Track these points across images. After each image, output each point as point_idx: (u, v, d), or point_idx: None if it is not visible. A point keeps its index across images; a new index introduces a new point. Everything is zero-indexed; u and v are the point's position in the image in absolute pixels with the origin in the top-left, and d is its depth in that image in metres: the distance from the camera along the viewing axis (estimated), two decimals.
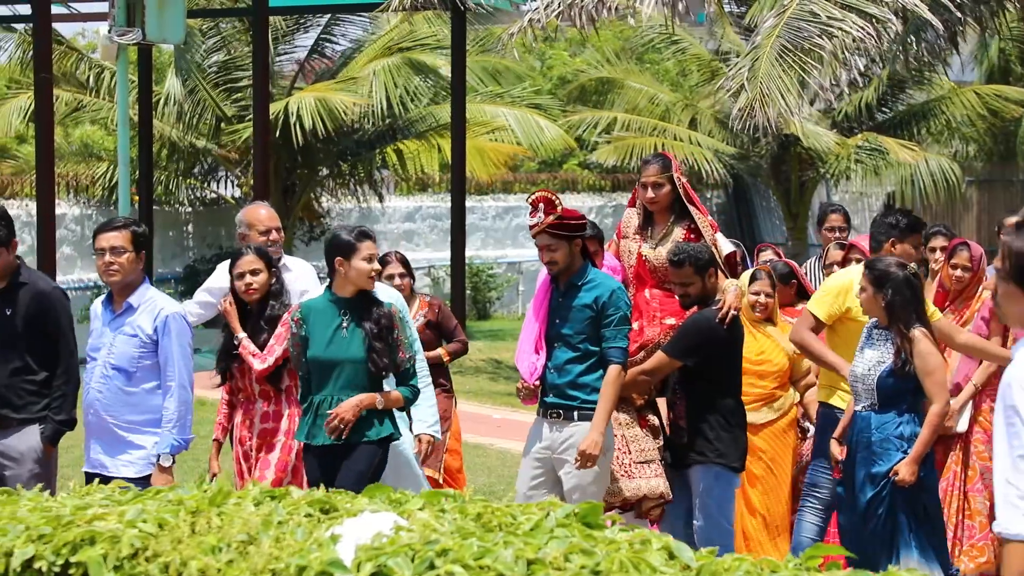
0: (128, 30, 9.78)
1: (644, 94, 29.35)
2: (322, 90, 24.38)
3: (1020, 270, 4.33)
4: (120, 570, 3.62)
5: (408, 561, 3.33)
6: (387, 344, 7.25)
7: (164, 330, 7.49)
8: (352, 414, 7.17)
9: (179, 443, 7.50)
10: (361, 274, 7.32)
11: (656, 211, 8.24)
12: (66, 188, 26.62)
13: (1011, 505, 4.26)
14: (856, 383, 7.65)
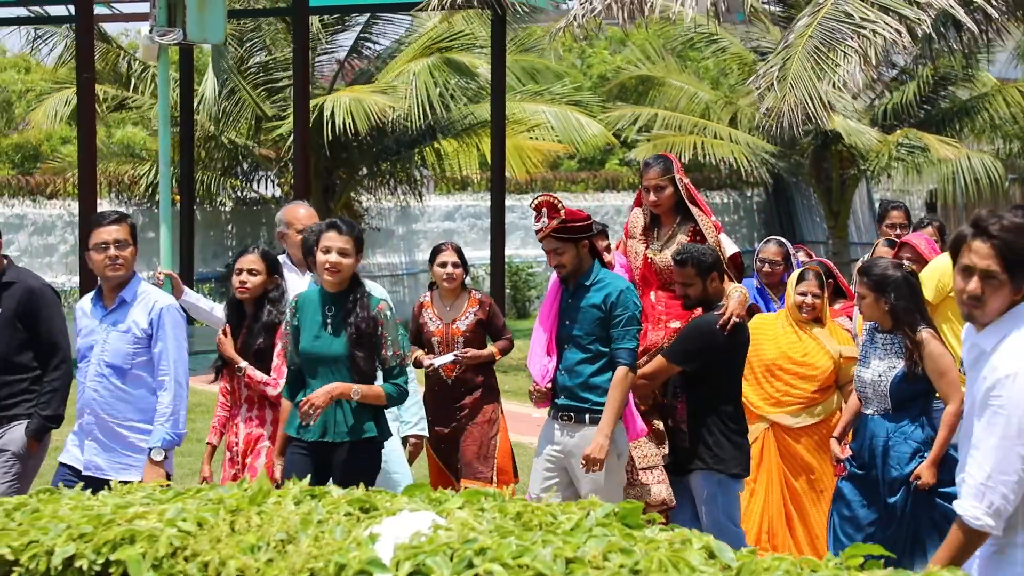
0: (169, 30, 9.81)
1: (684, 92, 29.28)
2: (361, 90, 24.42)
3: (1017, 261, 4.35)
4: (159, 569, 3.62)
5: (447, 560, 3.32)
6: (370, 342, 7.11)
7: (159, 323, 7.33)
8: (322, 400, 7.03)
9: (172, 437, 7.33)
10: (319, 267, 7.21)
11: (661, 213, 8.19)
12: (108, 188, 26.76)
13: (978, 494, 4.39)
14: (865, 388, 7.58)
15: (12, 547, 3.76)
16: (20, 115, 32.02)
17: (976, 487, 4.41)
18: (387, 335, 7.13)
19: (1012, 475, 4.36)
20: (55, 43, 24.76)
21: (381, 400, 7.16)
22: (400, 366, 7.18)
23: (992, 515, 4.40)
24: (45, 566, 3.70)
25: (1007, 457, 4.36)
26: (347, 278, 7.16)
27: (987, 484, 4.39)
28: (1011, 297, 4.42)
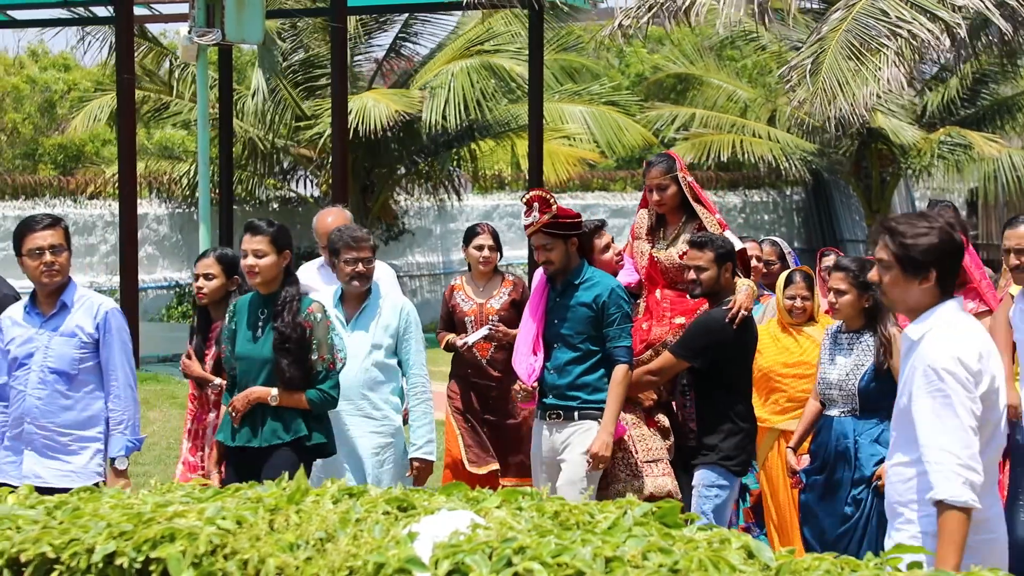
0: (208, 31, 9.86)
1: (723, 91, 29.23)
2: (399, 90, 24.47)
3: (903, 253, 4.79)
4: (199, 567, 3.63)
5: (485, 558, 3.32)
6: (298, 347, 6.97)
7: (105, 327, 7.12)
8: (240, 403, 6.97)
9: (133, 444, 7.17)
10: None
11: (665, 212, 8.12)
12: (148, 188, 26.88)
13: (953, 474, 4.62)
14: (830, 390, 7.46)
15: (53, 545, 3.78)
16: (62, 115, 32.22)
17: (947, 470, 4.64)
18: (315, 339, 7.00)
19: (971, 447, 4.67)
20: (97, 44, 24.88)
21: (302, 405, 7.02)
22: (328, 371, 7.04)
23: (970, 487, 4.64)
24: (86, 564, 3.72)
25: (959, 436, 4.65)
26: (271, 279, 7.06)
27: (961, 463, 4.64)
28: (933, 294, 4.83)
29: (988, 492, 4.84)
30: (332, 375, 7.05)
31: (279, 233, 7.09)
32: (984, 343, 4.86)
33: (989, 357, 4.84)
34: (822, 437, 7.49)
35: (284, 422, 7.00)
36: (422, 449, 7.83)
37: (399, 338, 7.75)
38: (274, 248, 7.03)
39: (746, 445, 7.63)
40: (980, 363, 4.77)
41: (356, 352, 7.61)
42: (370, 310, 7.72)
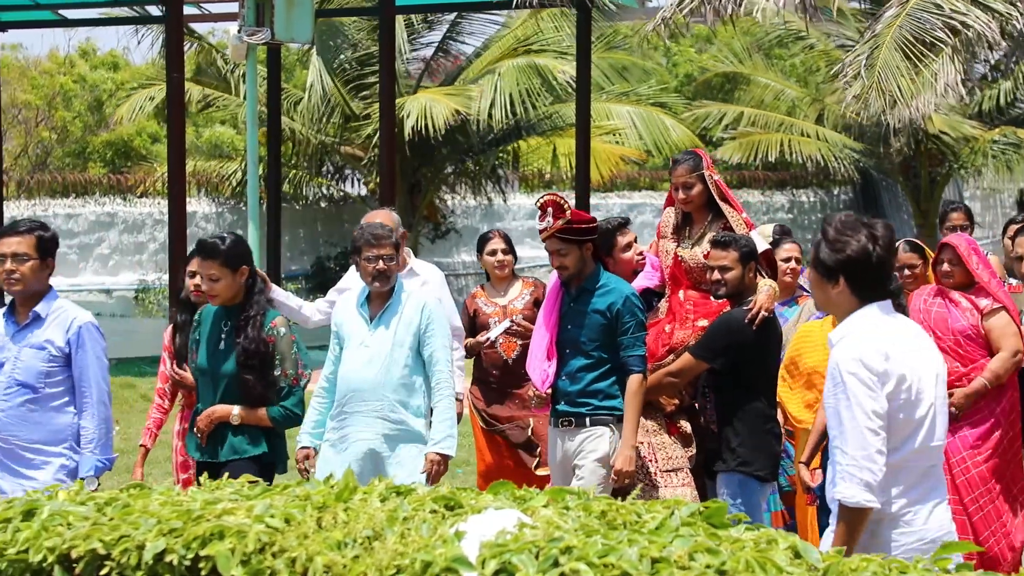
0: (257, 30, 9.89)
1: (771, 90, 29.14)
2: (447, 89, 24.51)
3: (817, 258, 5.01)
4: (247, 565, 3.65)
5: (532, 558, 3.32)
6: (261, 362, 6.88)
7: (78, 342, 6.79)
8: (203, 424, 6.91)
9: (103, 464, 6.86)
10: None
11: (691, 211, 8.00)
12: (196, 186, 27.02)
13: (847, 474, 4.83)
14: None
15: (104, 541, 3.81)
16: (111, 114, 32.46)
17: (845, 470, 4.86)
18: (278, 354, 6.91)
19: (870, 448, 4.83)
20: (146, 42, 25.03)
21: (264, 423, 6.96)
22: (291, 387, 6.95)
23: (867, 488, 4.82)
24: (136, 560, 3.74)
25: (860, 437, 4.83)
26: (230, 297, 6.96)
27: (854, 464, 4.84)
28: (849, 300, 5.01)
29: (919, 485, 5.01)
30: (296, 391, 6.97)
31: (231, 253, 6.91)
32: (896, 344, 4.97)
33: (902, 357, 4.95)
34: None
35: (246, 438, 6.94)
36: (440, 444, 7.56)
37: (421, 336, 7.57)
38: (228, 269, 6.90)
39: (767, 448, 7.44)
40: (887, 363, 4.90)
41: (378, 351, 7.47)
42: (392, 309, 7.56)
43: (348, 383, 7.45)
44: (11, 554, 3.92)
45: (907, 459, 4.99)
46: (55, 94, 33.18)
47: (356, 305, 7.59)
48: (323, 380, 7.62)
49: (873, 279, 5.02)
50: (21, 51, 37.19)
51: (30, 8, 22.23)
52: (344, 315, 7.62)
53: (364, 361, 7.45)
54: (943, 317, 8.23)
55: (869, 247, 4.96)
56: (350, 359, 7.49)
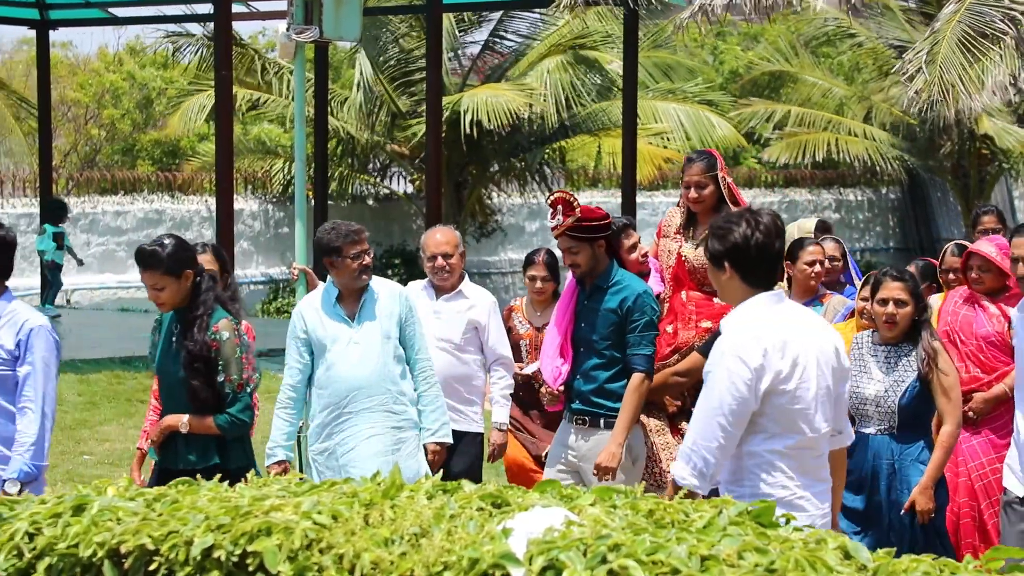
0: (306, 28, 9.89)
1: (818, 88, 29.02)
2: (493, 87, 24.53)
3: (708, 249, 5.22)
4: (294, 561, 3.66)
5: (580, 555, 3.32)
6: (207, 367, 6.66)
7: (27, 345, 6.53)
8: (156, 435, 6.75)
9: (31, 470, 6.51)
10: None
11: (700, 211, 7.89)
12: (243, 184, 27.12)
13: (686, 457, 5.08)
14: (865, 405, 7.04)
15: (153, 537, 3.82)
16: (159, 112, 32.61)
17: (684, 451, 5.10)
18: (221, 359, 6.68)
19: (713, 441, 5.05)
20: (193, 41, 25.15)
21: (212, 431, 6.72)
22: (236, 393, 6.71)
23: (697, 476, 5.05)
24: (184, 556, 3.75)
25: (709, 425, 5.06)
26: (177, 301, 6.74)
27: (692, 449, 5.07)
28: (741, 289, 5.20)
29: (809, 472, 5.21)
30: (242, 397, 6.72)
31: (172, 259, 6.66)
32: (780, 335, 5.10)
33: (785, 348, 5.10)
34: (857, 456, 6.96)
35: (196, 450, 6.74)
36: (438, 433, 7.60)
37: (402, 324, 7.53)
38: (170, 276, 6.66)
39: None
40: (764, 359, 5.06)
41: (370, 347, 7.42)
42: (371, 302, 7.50)
43: (347, 383, 7.39)
44: (61, 549, 3.95)
45: (796, 446, 5.16)
46: (104, 92, 33.38)
47: (326, 307, 7.49)
48: (288, 390, 7.52)
49: (756, 265, 5.19)
50: (71, 49, 37.48)
51: (80, 6, 22.38)
52: (316, 322, 7.48)
53: (358, 358, 7.39)
54: (969, 321, 8.15)
55: (748, 233, 5.14)
56: (341, 359, 7.41)
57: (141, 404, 13.97)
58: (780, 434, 5.13)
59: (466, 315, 8.32)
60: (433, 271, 8.40)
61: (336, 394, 7.41)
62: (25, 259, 25.04)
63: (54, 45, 27.78)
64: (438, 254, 8.38)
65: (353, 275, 7.39)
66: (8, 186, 27.27)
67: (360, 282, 7.43)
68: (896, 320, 7.03)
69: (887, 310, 7.04)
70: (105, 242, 26.35)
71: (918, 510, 6.83)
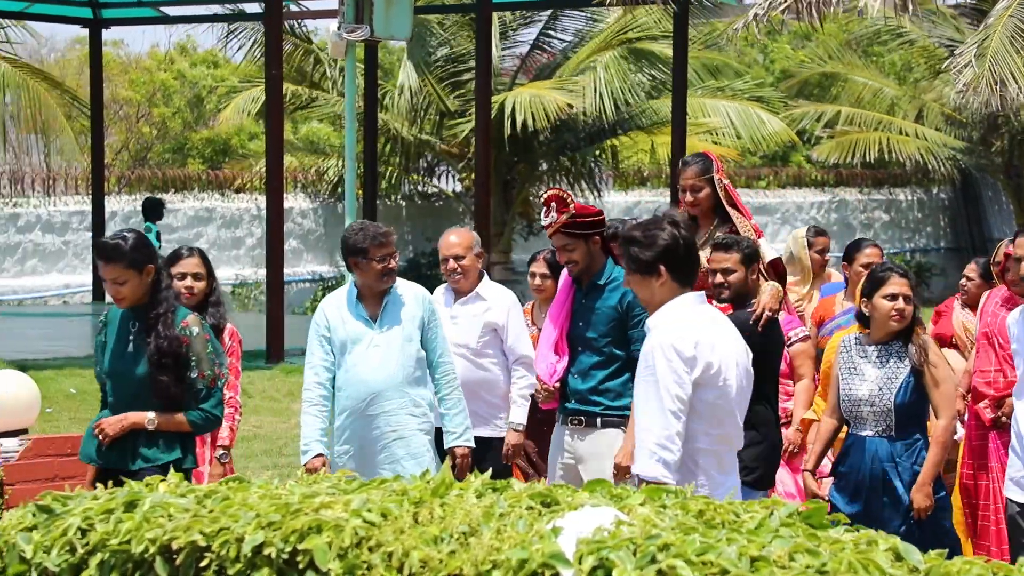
0: (357, 27, 9.95)
1: (868, 88, 28.88)
2: (536, 86, 24.53)
3: (634, 256, 5.39)
4: (344, 559, 3.67)
5: (630, 555, 3.31)
6: (176, 363, 6.43)
7: None
8: (113, 429, 6.46)
9: None
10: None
11: (698, 214, 7.77)
12: (293, 182, 27.21)
13: (649, 452, 5.23)
14: (859, 407, 6.85)
15: (204, 533, 3.84)
16: (210, 111, 32.77)
17: (647, 448, 5.24)
18: (193, 354, 6.48)
19: (670, 429, 5.22)
20: (245, 40, 25.26)
21: (183, 428, 6.51)
22: (208, 389, 6.51)
23: (666, 468, 5.20)
24: (235, 553, 3.77)
25: (663, 417, 5.23)
26: (138, 298, 6.53)
27: (656, 443, 5.23)
28: (671, 289, 5.40)
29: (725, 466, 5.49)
30: (214, 393, 6.54)
31: (134, 252, 6.48)
32: (707, 333, 5.37)
33: (712, 345, 5.36)
34: (853, 459, 6.87)
35: (160, 445, 6.50)
36: (462, 437, 7.54)
37: (424, 328, 7.48)
38: (133, 270, 6.45)
39: (768, 456, 7.16)
40: (696, 350, 5.29)
41: (391, 350, 7.36)
42: (394, 304, 7.44)
43: (367, 386, 7.34)
44: (113, 545, 3.97)
45: (718, 441, 5.42)
46: (155, 90, 33.58)
47: (349, 306, 7.45)
48: (317, 388, 7.43)
49: (685, 264, 5.44)
50: (122, 48, 37.72)
51: (132, 5, 22.53)
52: (338, 321, 7.44)
53: (379, 361, 7.35)
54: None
55: (676, 233, 5.40)
56: (362, 361, 7.36)
57: None
58: (705, 429, 5.36)
59: (482, 318, 8.18)
60: (445, 273, 8.28)
61: (355, 397, 7.37)
62: (77, 256, 25.23)
63: (106, 44, 27.96)
64: (449, 256, 8.24)
65: (377, 277, 7.34)
66: (60, 184, 27.45)
67: (383, 284, 7.38)
68: (905, 315, 6.87)
69: (898, 304, 6.86)
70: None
71: (916, 507, 6.67)
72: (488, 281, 8.43)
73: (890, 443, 6.78)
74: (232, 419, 7.55)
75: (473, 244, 8.33)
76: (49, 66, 34.51)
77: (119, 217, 25.64)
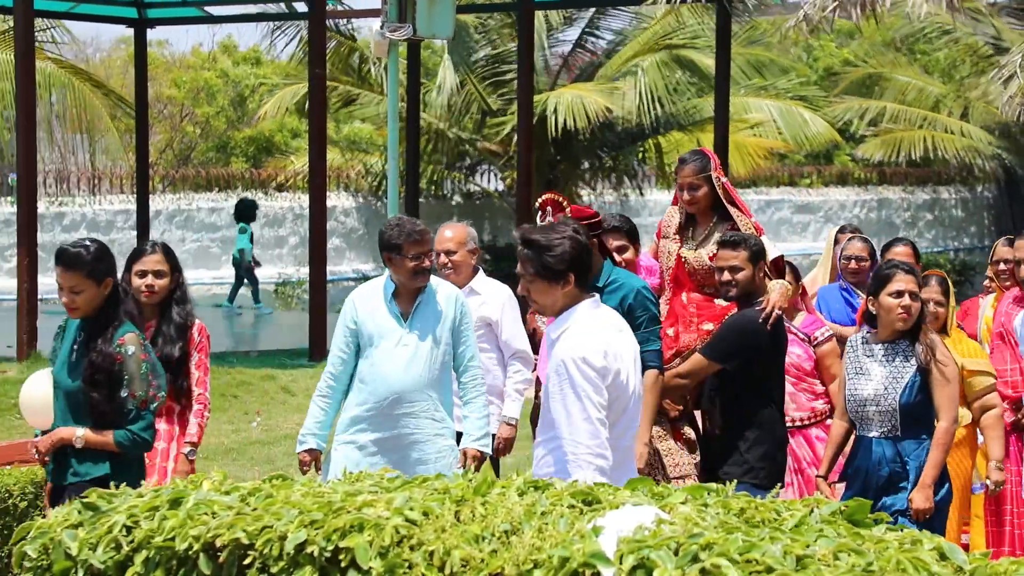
0: (400, 26, 9.97)
1: (913, 86, 28.74)
2: (578, 87, 24.53)
3: (541, 263, 5.47)
4: (385, 558, 3.68)
5: (671, 554, 3.31)
6: (108, 380, 6.25)
7: None
8: (44, 446, 6.33)
9: None
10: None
11: (696, 213, 7.64)
12: (335, 181, 27.28)
13: (584, 462, 5.30)
14: (864, 407, 6.79)
15: (247, 531, 3.86)
16: (252, 109, 32.90)
17: (580, 460, 5.33)
18: (125, 374, 6.26)
19: (600, 437, 5.36)
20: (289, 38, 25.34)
21: (110, 448, 6.30)
22: (139, 410, 6.29)
23: (603, 475, 5.25)
24: (278, 551, 3.79)
25: (588, 426, 5.35)
26: (91, 310, 6.37)
27: (590, 452, 5.34)
28: (573, 295, 5.54)
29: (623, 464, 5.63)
30: (145, 415, 6.32)
31: (96, 263, 6.36)
32: (612, 340, 5.52)
33: (617, 354, 5.50)
34: (860, 461, 6.82)
35: (88, 462, 6.34)
36: (479, 440, 7.47)
37: (455, 330, 7.40)
38: (92, 281, 6.32)
39: (775, 455, 7.06)
40: (605, 360, 5.43)
41: (419, 351, 7.26)
42: (427, 305, 7.35)
43: (390, 385, 7.23)
44: (158, 542, 3.99)
45: (617, 439, 5.54)
46: (199, 89, 33.73)
47: (383, 302, 7.34)
48: (328, 379, 7.37)
49: (587, 272, 5.62)
50: (167, 47, 37.91)
51: (177, 5, 22.63)
52: (368, 312, 7.33)
53: (406, 361, 7.25)
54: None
55: (578, 239, 5.55)
56: (388, 359, 7.25)
57: (234, 399, 14.12)
58: (608, 430, 5.47)
59: (476, 313, 8.02)
60: (438, 268, 8.15)
61: (376, 393, 7.25)
62: (122, 255, 25.35)
63: (150, 43, 28.11)
64: (440, 251, 8.17)
65: (410, 275, 7.22)
66: (105, 183, 27.61)
67: (415, 283, 7.27)
68: (912, 312, 6.77)
69: (904, 302, 6.75)
70: (199, 238, 26.62)
71: (913, 508, 6.59)
72: (483, 276, 8.39)
73: (896, 444, 6.71)
74: (201, 416, 7.38)
75: (466, 239, 8.27)
76: (94, 66, 34.74)
77: (163, 216, 25.78)
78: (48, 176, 27.75)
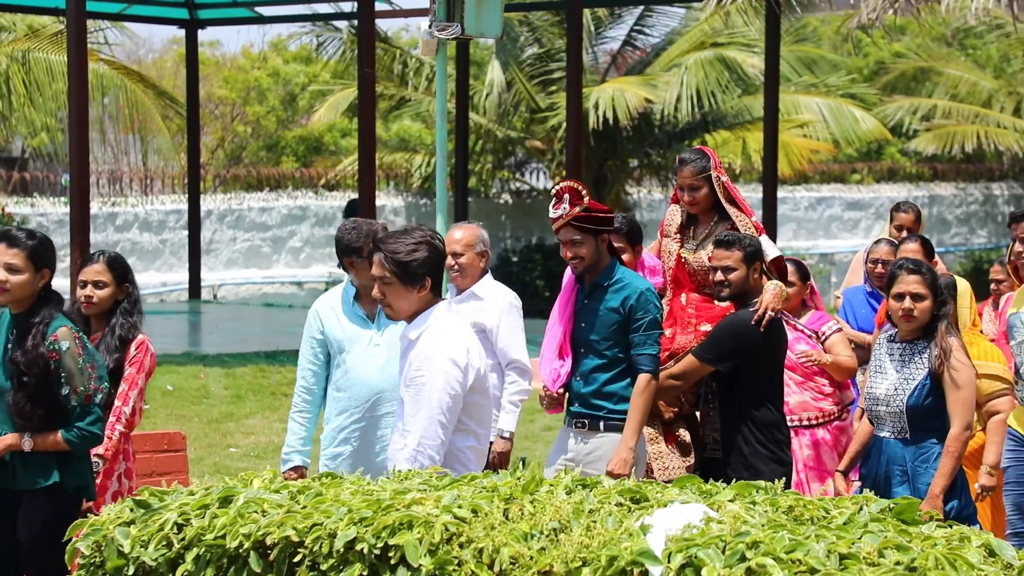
0: (448, 25, 9.96)
1: (964, 81, 28.55)
2: (633, 83, 24.48)
3: (401, 267, 5.69)
4: (435, 555, 3.70)
5: (719, 552, 3.31)
6: (39, 379, 6.00)
7: None
8: None
9: None
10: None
11: (697, 212, 7.56)
12: (385, 179, 27.35)
13: (412, 458, 5.53)
14: (877, 406, 6.73)
15: (297, 529, 3.89)
16: (303, 108, 32.99)
17: (414, 451, 5.59)
18: (63, 371, 6.03)
19: (436, 439, 5.62)
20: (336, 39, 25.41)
21: (60, 448, 6.07)
22: (83, 405, 6.06)
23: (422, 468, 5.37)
24: (328, 548, 3.81)
25: (431, 426, 5.61)
26: (22, 298, 6.11)
27: (418, 450, 5.59)
28: (427, 299, 5.79)
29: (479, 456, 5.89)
30: (91, 408, 6.09)
31: (39, 248, 6.13)
32: (471, 339, 5.84)
33: (478, 352, 5.82)
34: (872, 460, 6.76)
35: (34, 468, 6.11)
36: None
37: None
38: (31, 264, 6.08)
39: (775, 456, 7.01)
40: (468, 357, 5.72)
41: (393, 348, 6.92)
42: None
43: (371, 386, 7.11)
44: (208, 539, 4.03)
45: (481, 439, 5.86)
46: (249, 89, 33.87)
47: (344, 306, 7.21)
48: (303, 393, 7.25)
49: (441, 277, 5.89)
50: (217, 48, 38.09)
51: (228, 6, 22.75)
52: (333, 321, 7.20)
53: (382, 361, 7.10)
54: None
55: (435, 244, 5.80)
56: (363, 362, 7.12)
57: (286, 398, 14.17)
58: (473, 430, 5.80)
59: (472, 317, 7.86)
60: (447, 269, 7.98)
61: (357, 398, 7.14)
62: (174, 254, 25.53)
63: (202, 44, 28.25)
64: (449, 252, 7.88)
65: (371, 277, 6.79)
66: (157, 183, 27.76)
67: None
68: (914, 314, 6.67)
69: (904, 305, 6.68)
70: (251, 238, 26.72)
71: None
72: (489, 280, 8.22)
73: (903, 446, 6.64)
74: (112, 429, 6.84)
75: (476, 242, 8.12)
76: (146, 66, 34.93)
77: (215, 215, 25.90)
78: (101, 176, 27.92)
